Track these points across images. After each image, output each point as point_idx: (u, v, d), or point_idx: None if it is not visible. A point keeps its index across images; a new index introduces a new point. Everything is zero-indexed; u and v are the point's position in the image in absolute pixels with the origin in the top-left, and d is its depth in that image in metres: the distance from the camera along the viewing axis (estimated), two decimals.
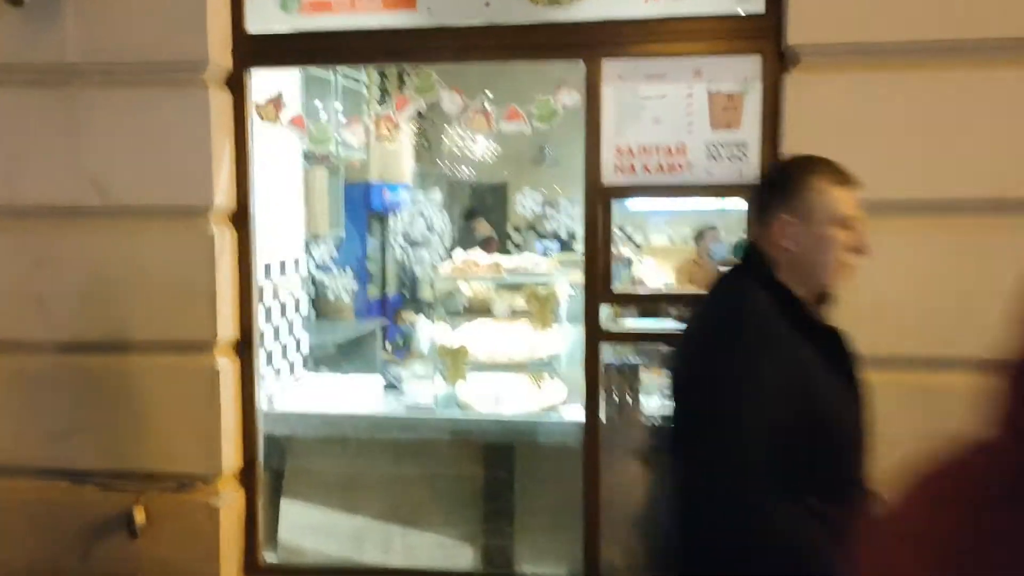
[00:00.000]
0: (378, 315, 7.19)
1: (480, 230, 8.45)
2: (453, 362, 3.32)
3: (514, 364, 3.40)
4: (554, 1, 2.99)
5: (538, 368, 3.39)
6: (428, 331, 3.84)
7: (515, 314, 3.40)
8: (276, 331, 3.72)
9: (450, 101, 3.18)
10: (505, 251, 10.35)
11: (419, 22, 3.09)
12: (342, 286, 3.60)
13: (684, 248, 9.39)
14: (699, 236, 6.19)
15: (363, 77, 6.43)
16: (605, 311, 3.15)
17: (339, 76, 5.86)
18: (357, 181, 6.79)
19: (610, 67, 3.03)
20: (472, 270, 3.41)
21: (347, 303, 3.59)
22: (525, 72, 3.50)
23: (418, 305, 7.42)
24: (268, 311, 3.63)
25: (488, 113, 3.18)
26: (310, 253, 6.79)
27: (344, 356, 6.69)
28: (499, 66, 3.25)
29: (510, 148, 9.63)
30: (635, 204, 3.49)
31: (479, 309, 3.48)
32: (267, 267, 3.62)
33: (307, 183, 5.85)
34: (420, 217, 3.45)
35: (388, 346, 7.69)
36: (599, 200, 3.07)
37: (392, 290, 7.59)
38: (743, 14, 2.93)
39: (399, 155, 7.63)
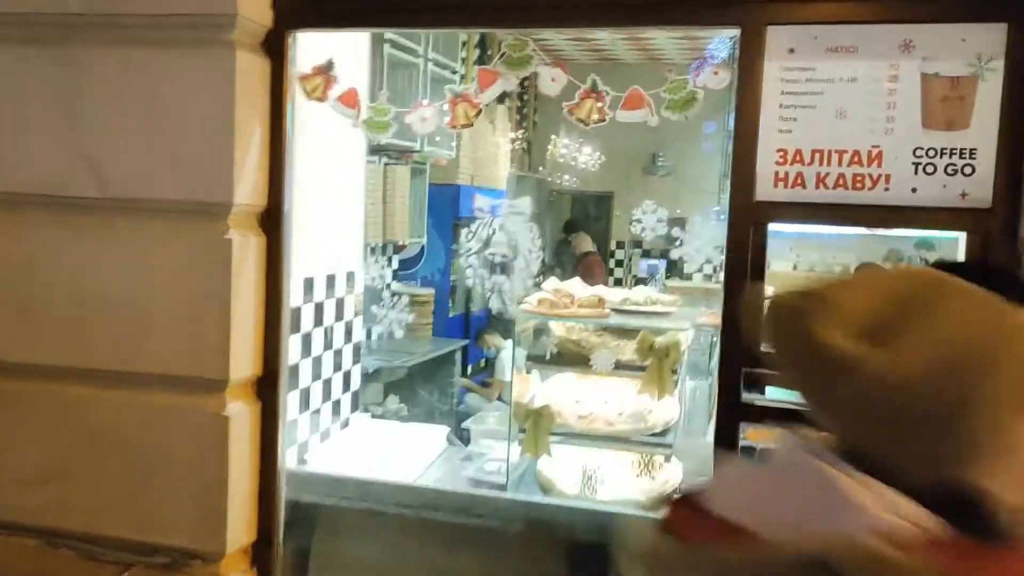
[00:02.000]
0: (459, 335, 6.44)
1: (581, 246, 7.61)
2: (534, 428, 2.50)
3: (616, 436, 2.55)
4: None
5: (648, 444, 2.53)
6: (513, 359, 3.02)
7: (622, 367, 2.55)
8: (316, 363, 2.96)
9: (550, 79, 2.35)
10: (607, 270, 9.47)
11: None
12: (394, 319, 2.80)
13: (812, 277, 8.34)
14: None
15: (458, 65, 5.68)
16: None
17: (428, 60, 5.12)
18: (444, 183, 6.07)
19: (776, 36, 2.15)
20: (565, 306, 2.59)
21: (400, 335, 2.80)
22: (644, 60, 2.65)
23: (506, 326, 6.64)
24: (307, 338, 2.89)
25: (601, 96, 2.34)
26: (388, 263, 6.14)
27: (418, 381, 5.96)
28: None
29: (617, 154, 8.77)
30: None
31: (573, 358, 2.65)
32: (308, 283, 2.88)
33: (385, 182, 5.15)
34: (501, 232, 2.62)
35: (469, 369, 6.95)
36: (750, 222, 2.19)
37: (477, 306, 6.82)
38: None
39: (495, 156, 6.87)
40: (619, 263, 9.61)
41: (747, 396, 2.25)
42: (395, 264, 6.10)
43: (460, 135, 6.07)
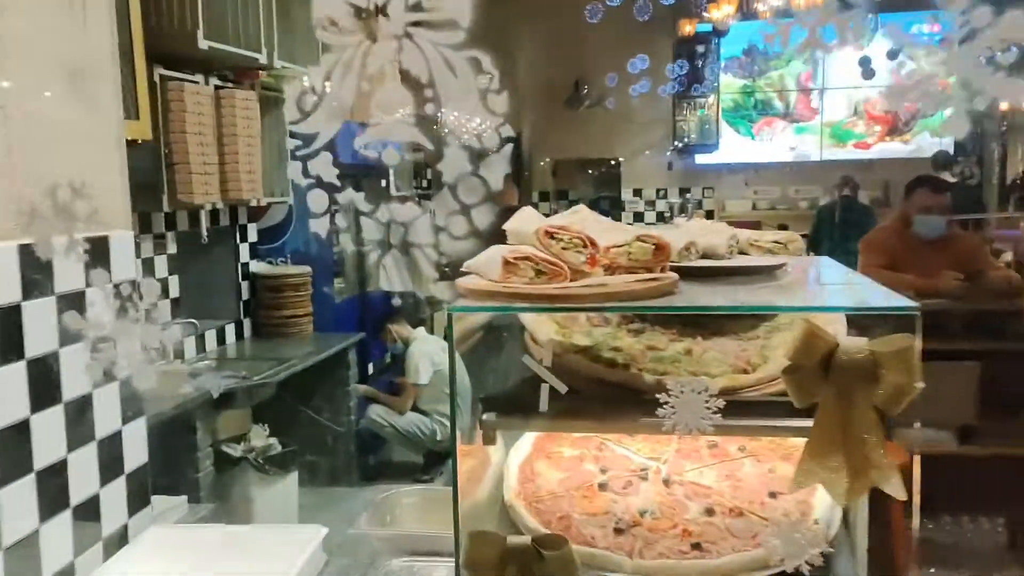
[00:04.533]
0: (351, 327, 4.83)
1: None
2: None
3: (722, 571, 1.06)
4: None
5: None
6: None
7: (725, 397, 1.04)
8: (16, 439, 1.36)
9: None
10: None
11: None
12: (125, 355, 1.24)
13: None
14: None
15: None
16: None
17: None
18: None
19: None
20: (572, 273, 1.05)
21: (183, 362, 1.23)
22: None
23: (416, 307, 5.08)
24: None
25: None
26: (240, 236, 4.44)
27: (297, 397, 4.36)
28: None
29: (534, 85, 7.28)
30: None
31: (592, 393, 1.12)
32: None
33: (219, 114, 3.52)
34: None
35: (370, 370, 5.36)
36: None
37: (373, 285, 5.22)
38: None
39: (381, 78, 5.25)
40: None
41: None
42: (252, 236, 4.43)
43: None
